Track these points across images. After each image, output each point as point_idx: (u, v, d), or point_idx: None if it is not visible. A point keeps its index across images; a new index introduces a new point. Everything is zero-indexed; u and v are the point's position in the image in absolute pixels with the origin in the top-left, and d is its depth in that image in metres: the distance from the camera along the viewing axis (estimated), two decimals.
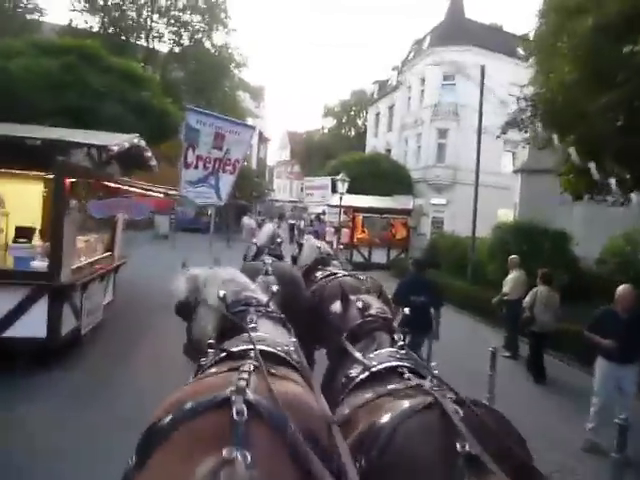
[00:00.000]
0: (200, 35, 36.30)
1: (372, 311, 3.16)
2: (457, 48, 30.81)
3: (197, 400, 1.59)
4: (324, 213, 41.53)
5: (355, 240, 20.91)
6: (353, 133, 54.16)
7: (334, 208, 20.04)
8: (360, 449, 1.87)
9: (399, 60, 39.28)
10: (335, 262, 6.29)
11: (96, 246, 8.69)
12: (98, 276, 8.07)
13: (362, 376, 2.42)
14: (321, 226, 35.77)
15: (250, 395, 1.59)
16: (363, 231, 22.32)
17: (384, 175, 29.20)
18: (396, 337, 2.84)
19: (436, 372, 2.35)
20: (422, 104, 33.16)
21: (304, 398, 1.82)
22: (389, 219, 21.92)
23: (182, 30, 36.40)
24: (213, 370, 2.00)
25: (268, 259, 5.31)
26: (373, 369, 2.41)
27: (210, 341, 2.41)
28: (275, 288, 3.21)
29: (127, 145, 7.50)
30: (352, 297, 3.44)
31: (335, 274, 5.41)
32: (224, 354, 2.13)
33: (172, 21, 35.82)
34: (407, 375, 2.29)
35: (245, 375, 1.72)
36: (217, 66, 36.15)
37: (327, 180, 21.54)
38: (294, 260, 7.05)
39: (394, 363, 2.44)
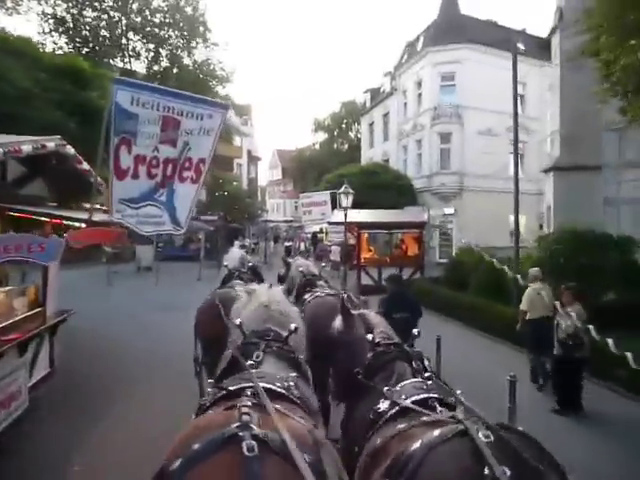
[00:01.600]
0: (179, 51, 34.14)
1: (377, 338, 3.13)
2: (454, 46, 28.74)
3: (204, 440, 1.61)
4: (321, 232, 39.23)
5: (362, 260, 18.37)
6: (346, 147, 51.99)
7: (337, 226, 17.60)
8: (390, 476, 1.93)
9: (391, 66, 37.19)
10: (321, 282, 6.24)
11: (11, 302, 6.02)
12: (13, 346, 5.46)
13: (392, 411, 2.38)
14: (319, 245, 33.29)
15: (256, 429, 1.63)
16: (370, 249, 19.81)
17: (385, 186, 26.85)
18: (414, 365, 2.79)
19: (462, 399, 2.34)
20: (420, 108, 30.95)
21: (307, 430, 1.85)
22: (399, 234, 19.47)
23: (160, 47, 34.21)
24: (212, 410, 2.03)
25: (239, 285, 5.14)
26: (403, 404, 2.37)
27: (209, 380, 2.55)
28: (293, 326, 2.95)
29: (30, 148, 4.94)
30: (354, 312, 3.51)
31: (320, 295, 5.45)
32: (223, 392, 2.15)
33: (148, 38, 33.64)
34: (439, 409, 2.26)
35: (246, 409, 1.75)
36: (198, 83, 34.06)
37: (326, 195, 19.09)
38: (281, 279, 7.19)
39: (423, 395, 2.41)
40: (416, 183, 30.05)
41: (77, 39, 30.70)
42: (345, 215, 14.78)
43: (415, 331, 3.40)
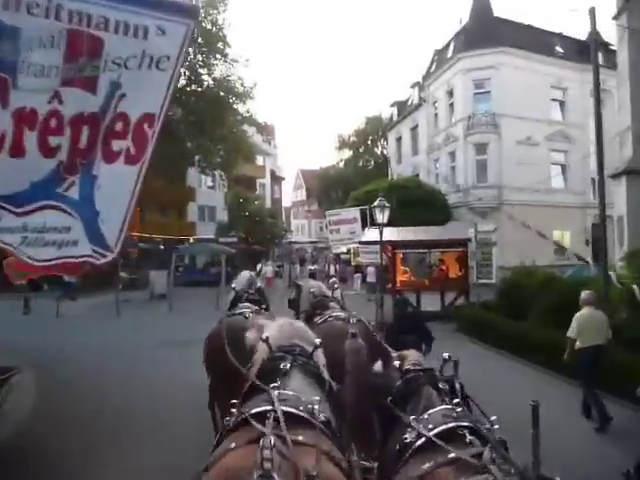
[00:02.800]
0: (198, 68, 32.89)
1: (408, 365, 3.02)
2: (487, 51, 26.79)
3: None
4: (347, 252, 37.20)
5: (397, 284, 16.26)
6: (372, 164, 50.13)
7: (369, 245, 15.59)
8: None
9: (418, 76, 35.35)
10: (332, 304, 6.04)
11: None
12: None
13: (419, 442, 2.26)
14: (342, 267, 31.26)
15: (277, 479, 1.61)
16: (405, 272, 17.69)
17: (417, 202, 24.74)
18: (441, 386, 2.70)
19: (496, 427, 2.28)
20: (453, 119, 28.97)
21: (326, 468, 1.83)
22: (437, 254, 17.32)
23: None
24: (233, 444, 1.95)
25: (247, 309, 5.22)
26: (429, 434, 2.23)
27: (233, 401, 2.37)
28: (318, 341, 2.98)
29: None
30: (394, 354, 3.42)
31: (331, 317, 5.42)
32: (244, 416, 2.11)
33: None
34: (468, 439, 2.14)
35: (267, 453, 1.71)
36: (217, 100, 32.72)
37: (355, 212, 17.17)
38: (292, 304, 7.03)
39: (451, 425, 2.26)
40: (450, 198, 27.92)
41: None
42: (381, 233, 12.76)
43: (445, 355, 3.17)
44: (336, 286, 7.51)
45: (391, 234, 15.73)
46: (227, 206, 36.89)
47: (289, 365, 2.56)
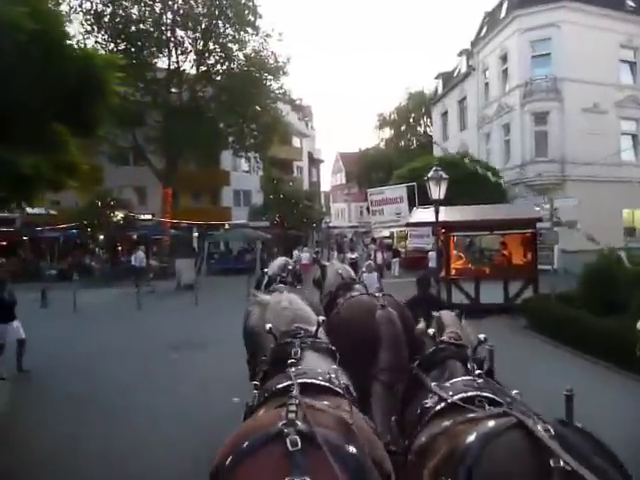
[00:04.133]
0: (229, 43, 30.97)
1: (444, 337, 3.08)
2: (547, 6, 23.74)
3: (252, 438, 1.71)
4: (389, 237, 34.88)
5: (453, 272, 13.98)
6: (415, 143, 47.36)
7: (422, 228, 13.36)
8: (444, 472, 1.91)
9: (466, 43, 32.38)
10: (358, 286, 5.94)
11: None
12: None
13: (439, 407, 2.34)
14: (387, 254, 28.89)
15: (301, 425, 1.70)
16: (459, 257, 15.37)
17: (469, 180, 22.17)
18: (469, 366, 2.69)
19: (518, 398, 2.22)
20: (507, 86, 26.07)
21: (353, 420, 1.90)
22: (499, 237, 14.92)
23: (208, 40, 31.18)
24: (261, 411, 2.10)
25: (281, 288, 4.96)
26: (450, 400, 2.31)
27: (255, 382, 2.53)
28: (321, 318, 3.09)
29: None
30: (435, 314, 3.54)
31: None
32: (268, 393, 2.21)
33: (196, 30, 30.68)
34: (487, 407, 2.19)
35: (293, 407, 1.81)
36: (247, 76, 30.78)
37: (401, 189, 14.99)
38: (317, 284, 6.97)
39: (471, 393, 2.33)
40: (505, 175, 25.15)
41: (117, 35, 28.19)
42: (437, 211, 10.51)
43: (481, 336, 3.12)
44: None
45: (445, 214, 13.44)
46: (261, 189, 35.02)
47: (299, 349, 2.57)
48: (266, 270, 6.74)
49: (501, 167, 25.78)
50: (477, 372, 2.58)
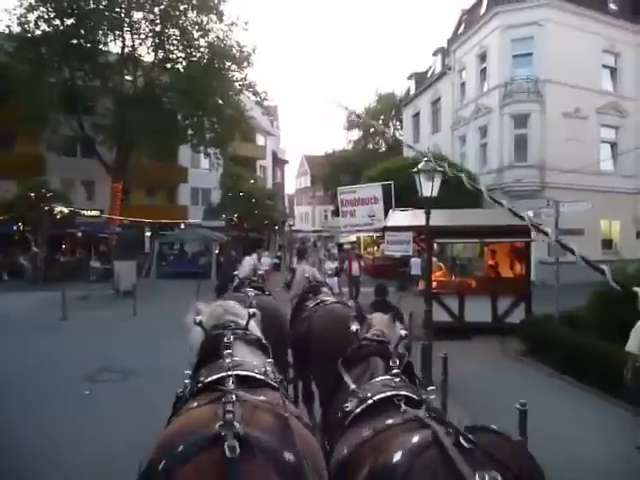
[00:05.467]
0: (190, 28, 28.55)
1: (369, 334, 3.13)
2: (530, 3, 22.43)
3: (187, 441, 1.61)
4: (352, 243, 33.03)
5: (434, 284, 12.11)
6: (384, 146, 45.84)
7: (400, 233, 11.42)
8: None
9: (441, 42, 30.96)
10: (325, 289, 6.12)
11: None
12: None
13: (357, 410, 2.38)
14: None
15: (239, 428, 1.62)
16: (440, 267, 13.55)
17: (444, 184, 20.50)
18: (391, 362, 2.72)
19: (432, 396, 2.34)
20: (485, 87, 24.62)
21: (290, 424, 1.82)
22: (481, 246, 13.18)
23: (167, 26, 28.72)
24: (195, 403, 1.96)
25: (251, 291, 5.09)
26: (368, 402, 2.36)
27: (187, 372, 2.41)
28: (252, 310, 2.99)
29: None
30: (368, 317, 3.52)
31: (324, 302, 5.45)
32: (201, 385, 2.10)
33: (154, 14, 28.19)
34: (403, 407, 2.23)
35: (230, 407, 1.72)
36: (209, 65, 28.45)
37: (376, 188, 13.07)
38: (288, 286, 6.97)
39: (389, 393, 2.37)
40: (481, 180, 23.63)
41: (64, 10, 25.41)
42: (427, 213, 8.55)
43: (403, 332, 3.18)
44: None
45: (421, 219, 11.57)
46: (219, 185, 32.49)
47: (231, 339, 2.48)
48: (236, 272, 6.54)
49: (477, 172, 24.29)
50: (394, 371, 2.61)
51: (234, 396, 1.81)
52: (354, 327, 3.24)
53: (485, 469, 1.63)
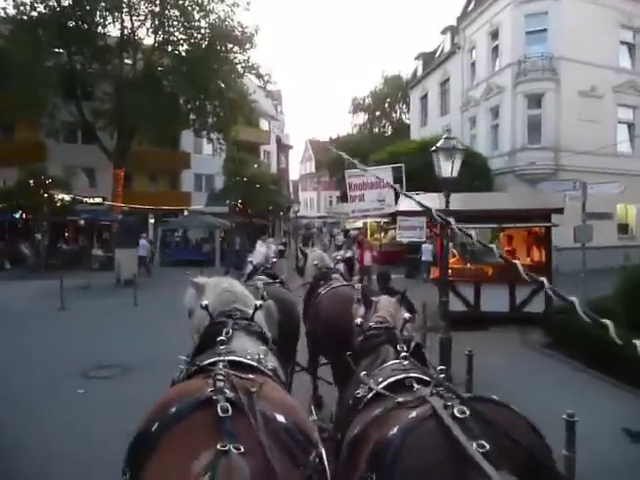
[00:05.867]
0: (190, 8, 27.66)
1: (372, 322, 3.13)
2: None
3: (180, 403, 1.68)
4: (360, 229, 32.33)
5: (450, 272, 11.50)
6: (390, 130, 44.93)
7: (413, 218, 10.74)
8: (371, 466, 1.91)
9: (450, 20, 29.96)
10: (336, 275, 6.11)
11: None
12: None
13: (369, 396, 2.37)
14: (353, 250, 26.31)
15: (229, 393, 1.71)
16: (454, 255, 12.91)
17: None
18: (399, 347, 2.74)
19: (442, 375, 2.31)
20: (497, 65, 23.72)
21: (279, 393, 1.96)
22: (498, 231, 12.52)
23: (168, 5, 27.81)
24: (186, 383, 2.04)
25: (260, 282, 5.02)
26: (378, 387, 2.36)
27: (182, 357, 2.41)
28: (259, 302, 2.96)
29: None
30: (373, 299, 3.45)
31: (332, 286, 5.52)
32: (195, 368, 2.15)
33: None
34: (416, 387, 2.24)
35: (220, 377, 1.81)
36: (211, 47, 27.62)
37: (386, 171, 12.33)
38: (300, 271, 7.31)
39: (399, 376, 2.40)
40: (492, 163, 22.92)
41: None
42: (447, 195, 7.85)
43: (406, 315, 3.18)
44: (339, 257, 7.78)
45: (439, 202, 10.91)
46: (222, 170, 31.75)
47: (231, 329, 2.52)
48: (250, 259, 6.47)
49: (487, 154, 23.53)
50: (403, 354, 2.62)
51: (224, 371, 1.89)
52: (358, 320, 3.26)
53: (476, 438, 1.65)
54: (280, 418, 1.72)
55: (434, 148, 7.58)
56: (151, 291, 15.19)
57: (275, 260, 7.28)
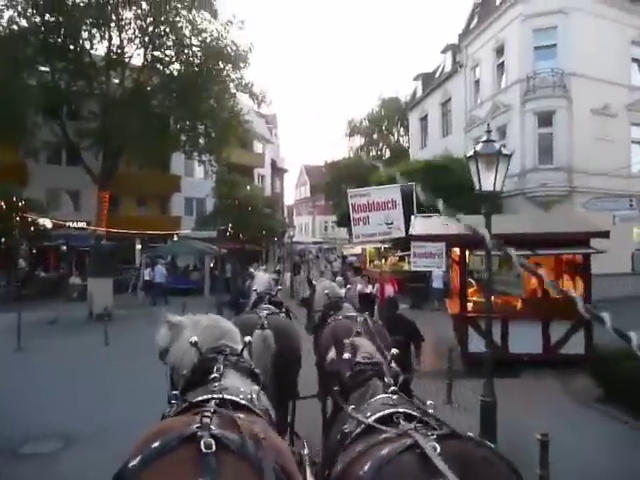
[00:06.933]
0: (180, 25, 26.50)
1: (359, 358, 3.07)
2: None
3: (164, 438, 1.62)
4: (357, 255, 30.72)
5: (469, 307, 9.87)
6: (387, 153, 43.73)
7: (429, 244, 9.11)
8: None
9: (450, 39, 28.97)
10: (347, 305, 5.94)
11: None
12: None
13: (357, 431, 2.31)
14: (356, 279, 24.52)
15: (215, 430, 1.65)
16: (471, 284, 11.29)
17: (459, 189, 18.28)
18: (387, 380, 2.72)
19: (431, 410, 2.28)
20: (503, 82, 22.53)
21: (267, 433, 1.85)
22: (521, 259, 10.94)
23: (159, 25, 26.62)
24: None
25: (263, 312, 4.91)
26: (367, 422, 2.28)
27: (173, 392, 2.33)
28: (248, 338, 2.89)
29: None
30: (345, 341, 3.43)
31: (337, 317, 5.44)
32: (186, 404, 2.09)
33: (144, 13, 26.21)
34: (402, 423, 2.18)
35: (208, 414, 1.76)
36: (203, 66, 26.36)
37: (393, 190, 10.86)
38: (305, 303, 7.50)
39: (387, 411, 2.33)
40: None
41: (45, 6, 23.37)
42: (488, 215, 6.28)
43: (394, 350, 3.18)
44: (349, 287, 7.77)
45: (452, 227, 9.39)
46: (213, 193, 30.13)
47: (222, 365, 2.48)
48: (255, 287, 6.33)
49: None
50: (392, 388, 2.58)
51: (213, 409, 1.85)
52: (346, 355, 3.15)
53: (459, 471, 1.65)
54: (265, 458, 1.65)
55: (471, 154, 6.06)
56: (128, 325, 13.46)
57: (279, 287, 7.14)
